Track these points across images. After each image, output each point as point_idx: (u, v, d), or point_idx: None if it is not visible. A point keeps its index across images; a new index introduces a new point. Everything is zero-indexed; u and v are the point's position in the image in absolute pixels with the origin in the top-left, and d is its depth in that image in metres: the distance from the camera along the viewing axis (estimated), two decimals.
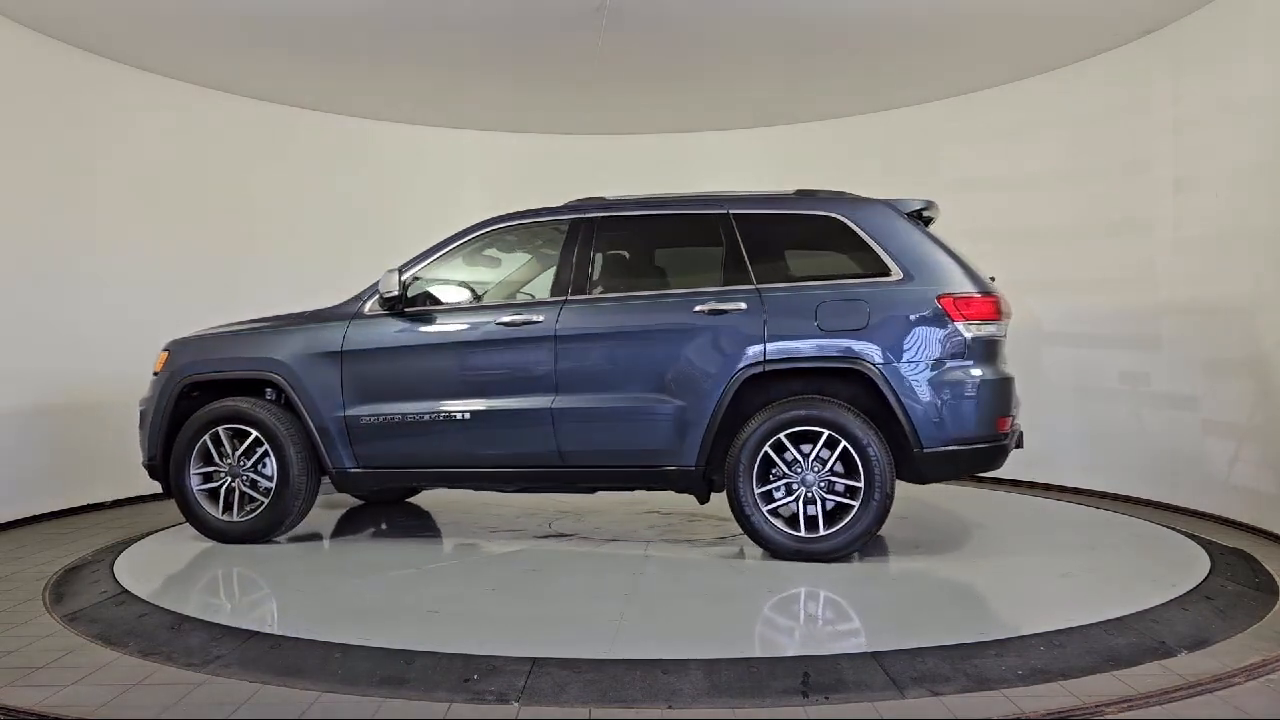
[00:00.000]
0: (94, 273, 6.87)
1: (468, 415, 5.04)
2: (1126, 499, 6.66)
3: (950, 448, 4.65)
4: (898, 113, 8.07)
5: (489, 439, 5.03)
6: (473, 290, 5.62)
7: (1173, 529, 5.57)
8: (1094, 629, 3.60)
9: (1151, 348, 6.59)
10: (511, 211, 5.43)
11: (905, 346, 4.65)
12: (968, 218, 6.73)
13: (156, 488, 7.05)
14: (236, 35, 6.44)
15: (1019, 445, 5.08)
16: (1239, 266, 5.84)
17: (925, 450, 4.62)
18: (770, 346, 4.73)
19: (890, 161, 7.94)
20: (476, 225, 5.39)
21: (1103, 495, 6.84)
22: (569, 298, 5.05)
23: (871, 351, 4.66)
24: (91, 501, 6.83)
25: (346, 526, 5.97)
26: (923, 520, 5.77)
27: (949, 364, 4.64)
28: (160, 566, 4.96)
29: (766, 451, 4.70)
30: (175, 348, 5.58)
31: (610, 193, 5.47)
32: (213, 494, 5.35)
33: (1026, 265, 7.07)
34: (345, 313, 5.35)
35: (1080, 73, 7.02)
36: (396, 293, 5.14)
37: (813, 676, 3.19)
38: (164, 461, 5.45)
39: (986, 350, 4.72)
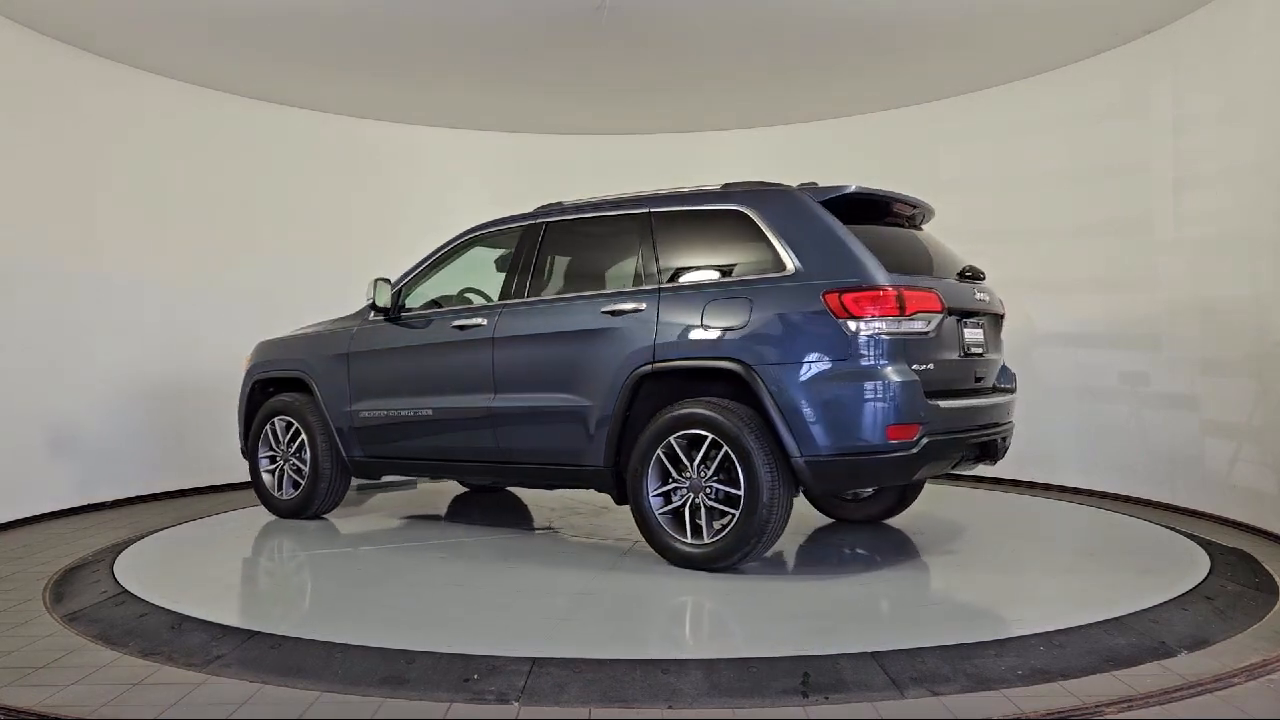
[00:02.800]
0: (101, 274, 6.87)
1: (431, 412, 5.42)
2: (1126, 499, 6.66)
3: (828, 457, 4.24)
4: (898, 113, 8.07)
5: (450, 435, 5.42)
6: (480, 295, 5.78)
7: (1173, 529, 5.56)
8: (1094, 629, 3.60)
9: (1151, 348, 6.58)
10: (490, 219, 5.63)
11: (783, 346, 4.33)
12: (967, 218, 6.74)
13: (157, 488, 7.23)
14: (237, 35, 6.43)
15: (994, 457, 4.83)
16: (1239, 266, 5.84)
17: (803, 458, 4.26)
18: (658, 347, 4.63)
19: (890, 161, 7.93)
20: (459, 235, 5.69)
21: (1102, 495, 6.84)
22: (508, 302, 5.27)
23: (745, 351, 4.38)
24: (93, 501, 6.83)
25: (378, 522, 5.99)
26: (922, 520, 5.76)
27: (831, 366, 4.25)
28: (160, 566, 4.96)
29: (660, 455, 4.59)
30: (256, 349, 6.32)
31: (577, 197, 5.51)
32: (274, 475, 6.11)
33: (1026, 265, 7.08)
34: (356, 318, 5.90)
35: (1080, 72, 7.01)
36: (372, 299, 5.59)
37: (812, 676, 3.19)
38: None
39: (883, 351, 4.25)
